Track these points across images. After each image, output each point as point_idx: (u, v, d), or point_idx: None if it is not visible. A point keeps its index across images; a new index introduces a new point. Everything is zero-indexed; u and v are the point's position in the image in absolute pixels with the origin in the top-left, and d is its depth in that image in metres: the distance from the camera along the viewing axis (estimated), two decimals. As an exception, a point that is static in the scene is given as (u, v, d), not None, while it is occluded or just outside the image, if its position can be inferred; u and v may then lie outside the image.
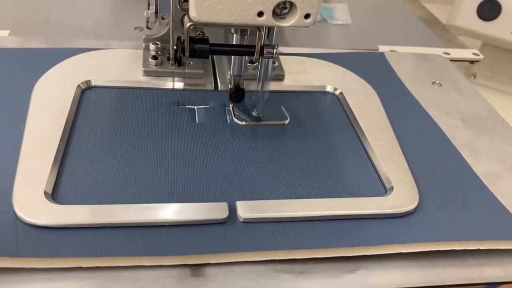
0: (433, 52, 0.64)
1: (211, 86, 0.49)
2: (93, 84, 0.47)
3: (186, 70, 0.49)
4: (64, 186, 0.35)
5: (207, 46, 0.37)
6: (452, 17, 0.91)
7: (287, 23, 0.35)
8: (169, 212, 0.34)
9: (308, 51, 0.59)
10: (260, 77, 0.41)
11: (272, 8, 0.34)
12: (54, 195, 0.35)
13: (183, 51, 0.37)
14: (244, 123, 0.43)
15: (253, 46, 0.38)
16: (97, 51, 0.52)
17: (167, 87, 0.48)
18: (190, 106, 0.46)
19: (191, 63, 0.50)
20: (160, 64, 0.49)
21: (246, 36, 0.40)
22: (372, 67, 0.57)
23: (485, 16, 0.89)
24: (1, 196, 0.34)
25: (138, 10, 0.66)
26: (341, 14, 0.73)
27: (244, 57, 0.42)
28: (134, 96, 0.46)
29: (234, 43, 0.40)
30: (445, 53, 0.65)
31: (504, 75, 0.93)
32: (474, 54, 0.67)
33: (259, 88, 0.42)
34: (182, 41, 0.37)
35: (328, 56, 0.57)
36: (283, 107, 0.45)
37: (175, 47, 0.38)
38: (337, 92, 0.51)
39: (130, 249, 0.31)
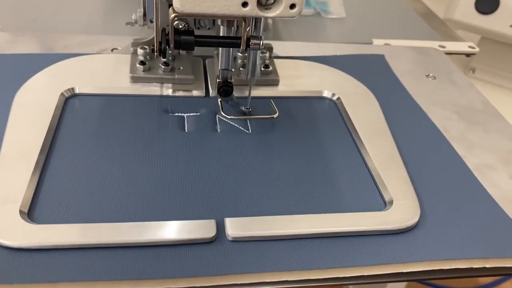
0: (428, 45, 0.64)
1: (202, 93, 0.47)
2: (77, 91, 0.44)
3: (176, 76, 0.46)
4: (42, 204, 0.33)
5: (192, 37, 0.37)
6: (450, 11, 0.90)
7: (272, 13, 0.34)
8: (153, 231, 0.32)
9: (303, 53, 0.56)
10: (247, 70, 0.41)
11: (256, -2, 0.33)
12: (31, 213, 0.32)
13: (167, 43, 0.37)
14: (232, 117, 0.43)
15: (239, 37, 0.37)
16: (83, 56, 0.49)
17: (156, 94, 0.46)
18: (179, 114, 0.44)
19: (181, 68, 0.47)
20: (148, 69, 0.46)
21: (232, 28, 0.39)
22: (371, 70, 0.54)
23: (484, 10, 0.88)
24: None
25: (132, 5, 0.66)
26: (335, 8, 0.72)
27: (231, 50, 0.41)
28: (121, 104, 0.44)
29: (221, 35, 0.40)
30: (440, 46, 0.64)
31: (503, 69, 0.92)
32: (470, 47, 0.66)
33: (248, 81, 0.42)
34: (166, 33, 0.37)
35: (325, 59, 0.55)
36: (271, 101, 0.45)
37: (159, 40, 0.38)
38: (334, 98, 0.49)
39: (110, 272, 0.29)
